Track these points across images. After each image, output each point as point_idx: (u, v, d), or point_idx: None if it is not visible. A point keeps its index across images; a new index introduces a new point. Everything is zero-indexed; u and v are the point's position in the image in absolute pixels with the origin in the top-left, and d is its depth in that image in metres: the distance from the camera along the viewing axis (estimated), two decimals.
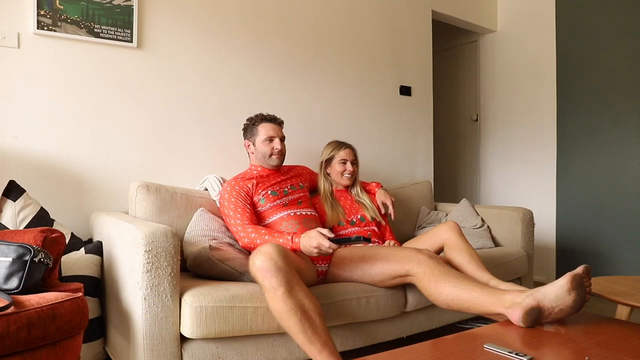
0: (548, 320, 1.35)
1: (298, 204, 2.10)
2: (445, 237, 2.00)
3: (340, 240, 1.66)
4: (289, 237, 1.76)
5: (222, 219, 2.07)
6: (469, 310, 1.55)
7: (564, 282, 1.33)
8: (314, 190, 2.42)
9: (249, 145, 2.21)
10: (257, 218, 2.03)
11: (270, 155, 2.14)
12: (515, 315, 1.35)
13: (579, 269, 1.35)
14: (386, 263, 1.81)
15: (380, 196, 2.42)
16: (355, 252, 1.92)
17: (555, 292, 1.33)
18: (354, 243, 1.69)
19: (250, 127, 2.21)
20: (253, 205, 2.03)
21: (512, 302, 1.39)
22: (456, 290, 1.57)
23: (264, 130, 2.15)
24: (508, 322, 1.38)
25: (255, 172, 2.17)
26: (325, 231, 1.67)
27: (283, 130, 2.24)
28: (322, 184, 2.38)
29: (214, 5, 2.49)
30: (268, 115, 2.22)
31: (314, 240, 1.66)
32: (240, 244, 1.93)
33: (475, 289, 1.54)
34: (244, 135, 2.25)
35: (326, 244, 1.63)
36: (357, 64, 3.06)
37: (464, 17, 3.70)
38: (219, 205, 2.15)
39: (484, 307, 1.49)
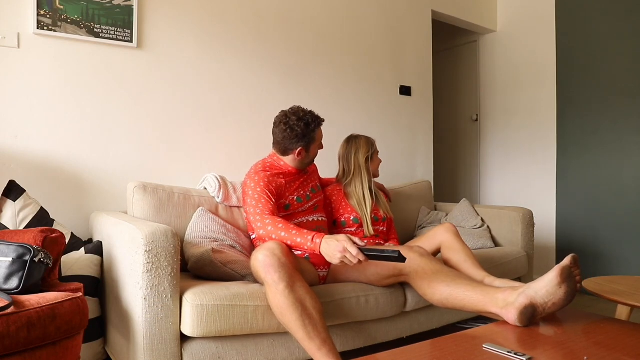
0: (543, 316, 1.35)
1: (314, 209, 2.07)
2: (443, 239, 2.00)
3: (375, 255, 1.48)
4: (309, 237, 1.62)
5: (226, 218, 2.07)
6: (463, 309, 1.56)
7: (553, 275, 1.33)
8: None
9: (300, 153, 1.99)
10: None
11: (314, 158, 2.10)
12: (511, 316, 1.35)
13: (567, 260, 1.34)
14: (379, 263, 1.82)
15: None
16: None
17: (546, 287, 1.33)
18: (386, 260, 1.47)
19: (308, 132, 1.96)
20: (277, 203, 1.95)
21: (506, 301, 1.39)
22: (449, 289, 1.58)
23: (319, 135, 2.03)
24: (506, 322, 1.38)
25: (284, 169, 2.03)
26: (357, 239, 1.55)
27: None
28: (365, 182, 2.25)
29: (214, 5, 2.49)
30: (319, 116, 2.02)
31: (341, 244, 1.52)
32: (255, 234, 1.90)
33: (468, 288, 1.54)
34: (295, 139, 1.97)
35: (353, 251, 1.49)
36: (357, 63, 3.06)
37: (464, 17, 3.70)
38: (219, 201, 2.14)
39: (478, 306, 1.49)
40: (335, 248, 1.54)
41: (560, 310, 1.35)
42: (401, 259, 1.43)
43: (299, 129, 1.94)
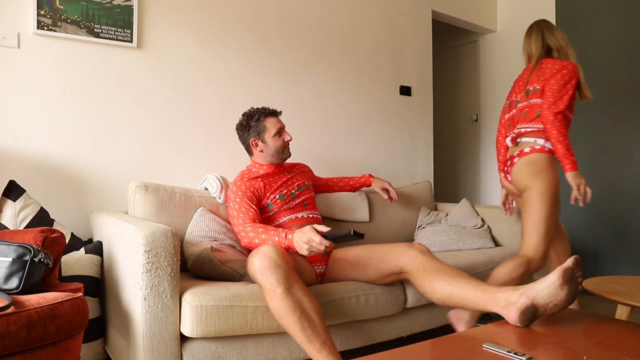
0: (544, 316, 1.35)
1: (303, 206, 2.08)
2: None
3: (334, 237, 1.56)
4: (283, 235, 1.68)
5: (227, 218, 2.08)
6: (464, 307, 1.55)
7: (555, 277, 1.33)
8: (316, 189, 2.43)
9: (256, 144, 2.07)
10: (263, 221, 1.99)
11: (284, 149, 2.08)
12: (512, 316, 1.35)
13: (569, 262, 1.34)
14: (380, 261, 1.81)
15: (378, 183, 2.48)
16: (349, 252, 1.92)
17: (548, 288, 1.33)
18: (347, 239, 1.57)
19: (254, 124, 2.06)
20: (260, 208, 1.99)
21: (507, 301, 1.39)
22: (450, 288, 1.57)
23: (271, 124, 2.05)
24: (506, 322, 1.38)
25: (262, 170, 2.08)
26: (320, 227, 1.59)
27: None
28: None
29: (214, 6, 2.49)
30: (269, 108, 2.11)
31: (305, 235, 1.58)
32: (241, 243, 1.92)
33: (469, 287, 1.54)
34: (245, 134, 2.09)
35: (317, 239, 1.54)
36: (357, 63, 3.06)
37: (464, 17, 3.70)
38: (220, 201, 2.16)
39: (479, 305, 1.49)
40: (300, 240, 1.59)
41: (561, 311, 1.35)
42: (359, 235, 1.52)
43: (244, 122, 2.10)
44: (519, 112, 2.22)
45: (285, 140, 2.07)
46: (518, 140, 2.16)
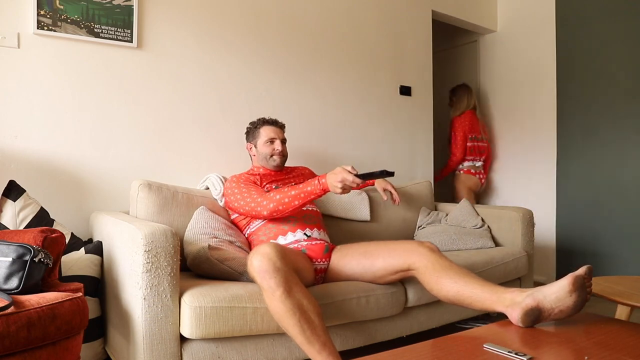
0: (547, 321, 1.35)
1: None
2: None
3: (364, 176, 1.69)
4: (316, 182, 1.79)
5: (227, 217, 2.09)
6: (470, 306, 1.55)
7: (565, 283, 1.32)
8: None
9: (250, 148, 2.26)
10: None
11: (271, 156, 2.19)
12: (515, 315, 1.35)
13: (581, 270, 1.34)
14: (388, 257, 1.80)
15: (381, 183, 2.52)
16: (357, 247, 1.92)
17: (556, 293, 1.32)
18: (378, 177, 1.71)
19: (252, 130, 2.26)
20: None
21: (512, 301, 1.39)
22: (457, 286, 1.57)
23: (265, 132, 2.21)
24: (508, 322, 1.38)
25: (258, 172, 2.21)
26: (349, 167, 1.72)
27: (285, 133, 2.30)
28: None
29: (214, 6, 2.49)
30: (270, 118, 2.28)
31: (339, 175, 1.70)
32: (265, 213, 1.90)
33: (475, 286, 1.53)
34: (246, 139, 2.30)
35: (350, 178, 1.68)
36: (357, 63, 3.06)
37: (464, 17, 3.70)
38: (221, 204, 2.16)
39: (485, 304, 1.49)
40: (334, 180, 1.72)
41: (566, 318, 1.35)
42: (390, 174, 1.63)
43: (247, 128, 2.31)
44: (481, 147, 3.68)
45: (274, 149, 2.19)
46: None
